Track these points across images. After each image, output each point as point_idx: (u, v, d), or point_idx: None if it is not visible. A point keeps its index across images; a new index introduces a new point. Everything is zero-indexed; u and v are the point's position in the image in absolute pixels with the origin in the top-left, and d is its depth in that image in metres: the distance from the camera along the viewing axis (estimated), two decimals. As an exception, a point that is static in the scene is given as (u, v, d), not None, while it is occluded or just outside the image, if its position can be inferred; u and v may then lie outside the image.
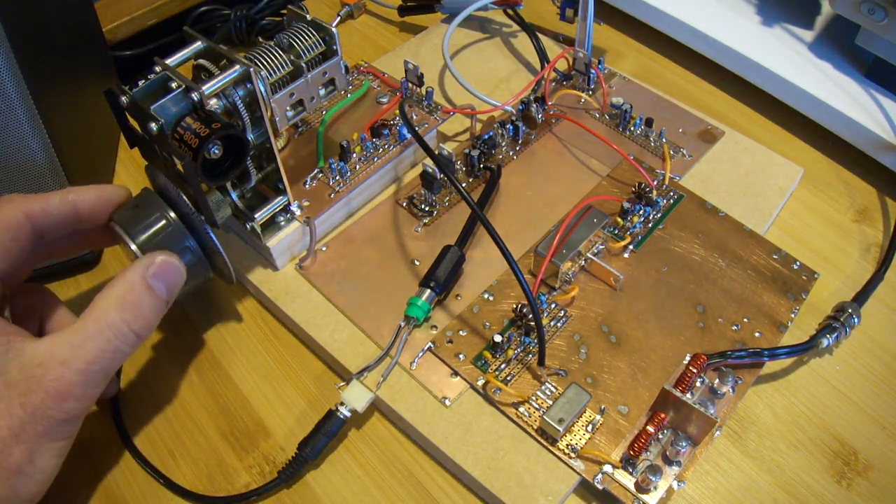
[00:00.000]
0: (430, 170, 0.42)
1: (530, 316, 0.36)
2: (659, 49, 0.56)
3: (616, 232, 0.41)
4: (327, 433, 0.34)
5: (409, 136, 0.44)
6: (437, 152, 0.40)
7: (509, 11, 0.55)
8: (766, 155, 0.46)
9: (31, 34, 0.37)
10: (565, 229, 0.38)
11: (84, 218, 0.33)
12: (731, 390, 0.35)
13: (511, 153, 0.46)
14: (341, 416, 0.34)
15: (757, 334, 0.37)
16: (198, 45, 0.34)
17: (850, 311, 0.37)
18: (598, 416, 0.34)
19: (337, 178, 0.42)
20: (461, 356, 0.36)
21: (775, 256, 0.40)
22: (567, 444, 0.33)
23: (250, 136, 0.34)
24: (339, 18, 0.60)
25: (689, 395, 0.33)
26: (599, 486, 0.32)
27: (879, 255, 0.43)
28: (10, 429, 0.27)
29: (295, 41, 0.36)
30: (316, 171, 0.43)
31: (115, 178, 0.49)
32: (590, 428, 0.34)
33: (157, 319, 0.31)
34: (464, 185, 0.44)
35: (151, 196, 0.34)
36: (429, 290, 0.37)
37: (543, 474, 0.33)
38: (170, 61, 0.33)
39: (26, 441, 0.27)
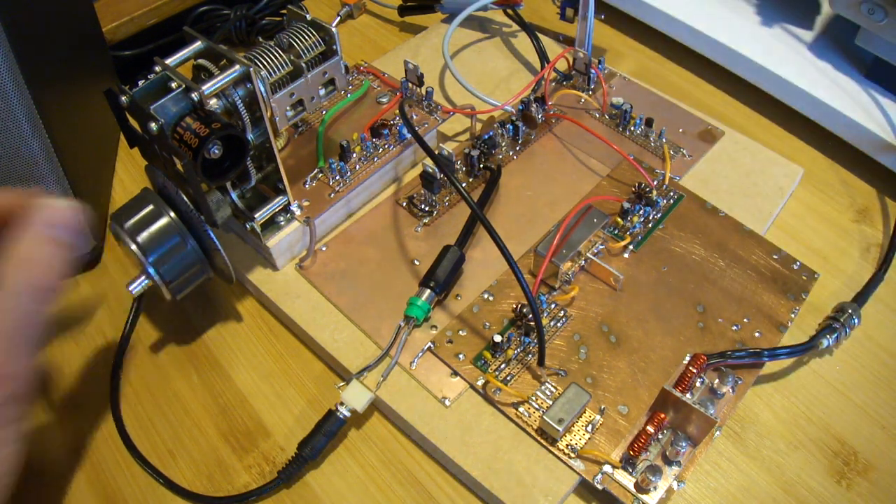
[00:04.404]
0: (430, 170, 0.42)
1: (530, 316, 0.36)
2: (659, 49, 0.56)
3: (616, 232, 0.41)
4: (327, 433, 0.34)
5: (408, 135, 0.44)
6: (437, 152, 0.40)
7: (509, 11, 0.55)
8: (766, 155, 0.46)
9: (31, 34, 0.37)
10: (565, 229, 0.38)
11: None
12: (730, 390, 0.35)
13: (511, 153, 0.46)
14: (341, 416, 0.34)
15: (757, 334, 0.37)
16: (198, 45, 0.34)
17: (850, 311, 0.37)
18: (597, 416, 0.34)
19: (337, 177, 0.42)
20: (461, 356, 0.36)
21: (775, 256, 0.40)
22: (567, 444, 0.33)
23: (250, 136, 0.34)
24: (338, 18, 0.60)
25: (688, 396, 0.33)
26: (599, 486, 0.32)
27: (879, 255, 0.43)
28: None
29: (295, 41, 0.36)
30: (316, 170, 0.43)
31: (115, 178, 0.49)
32: (589, 428, 0.34)
33: (69, 267, 0.29)
34: (464, 185, 0.44)
35: (151, 196, 0.34)
36: (429, 290, 0.37)
37: (543, 474, 0.33)
38: (170, 61, 0.33)
39: None
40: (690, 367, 0.34)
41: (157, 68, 0.33)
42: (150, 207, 0.34)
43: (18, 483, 0.29)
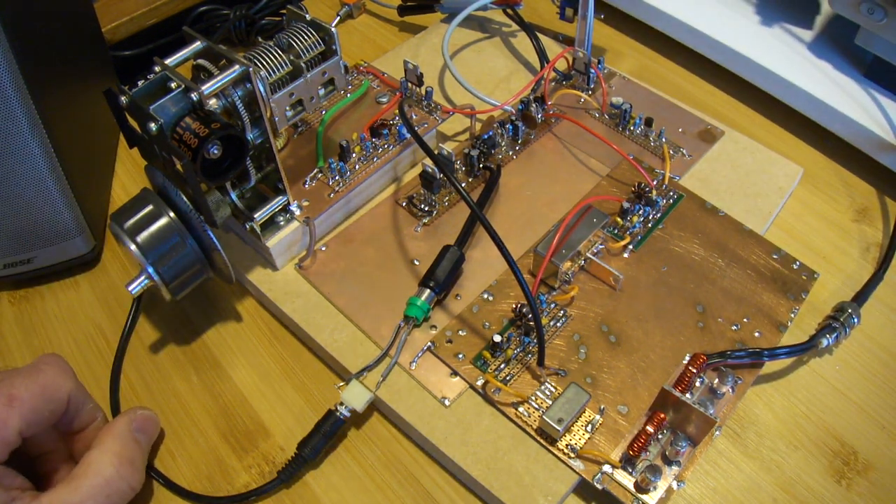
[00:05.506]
0: (430, 170, 0.42)
1: (530, 316, 0.36)
2: (659, 49, 0.56)
3: (616, 232, 0.41)
4: (327, 433, 0.34)
5: (408, 135, 0.44)
6: (436, 152, 0.40)
7: (509, 11, 0.55)
8: (766, 155, 0.46)
9: (31, 34, 0.37)
10: (565, 229, 0.38)
11: None
12: (730, 390, 0.35)
13: (511, 153, 0.46)
14: (340, 416, 0.34)
15: (757, 334, 0.37)
16: (197, 45, 0.34)
17: (849, 310, 0.37)
18: (597, 416, 0.34)
19: (336, 177, 0.42)
20: (461, 356, 0.36)
21: (775, 256, 0.40)
22: (566, 444, 0.33)
23: (249, 136, 0.34)
24: (338, 18, 0.60)
25: (688, 395, 0.33)
26: (599, 486, 0.32)
27: (879, 254, 0.43)
28: None
29: (294, 41, 0.36)
30: (315, 170, 0.43)
31: (114, 178, 0.49)
32: (589, 428, 0.34)
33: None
34: (463, 184, 0.44)
35: (151, 196, 0.34)
36: (428, 290, 0.37)
37: (543, 474, 0.33)
38: (169, 61, 0.33)
39: None
40: (690, 367, 0.34)
41: (157, 68, 0.33)
42: (150, 207, 0.34)
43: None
